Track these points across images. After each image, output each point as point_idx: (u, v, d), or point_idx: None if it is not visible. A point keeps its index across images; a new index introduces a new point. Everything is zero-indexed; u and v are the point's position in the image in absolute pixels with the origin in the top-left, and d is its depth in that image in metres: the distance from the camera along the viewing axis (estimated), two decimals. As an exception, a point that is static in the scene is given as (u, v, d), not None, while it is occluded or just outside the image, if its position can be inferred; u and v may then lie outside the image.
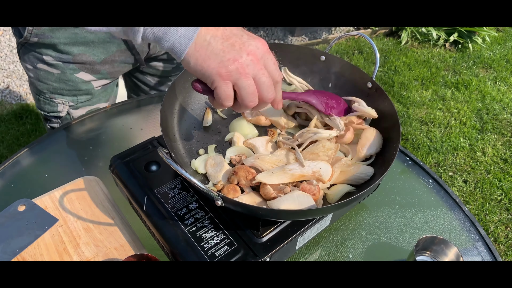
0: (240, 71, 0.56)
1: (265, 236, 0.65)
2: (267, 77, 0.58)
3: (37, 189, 0.80)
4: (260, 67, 0.57)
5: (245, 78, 0.56)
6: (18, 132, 2.15)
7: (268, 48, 0.59)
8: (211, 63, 0.55)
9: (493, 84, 2.79)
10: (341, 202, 0.60)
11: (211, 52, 0.55)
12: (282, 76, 0.62)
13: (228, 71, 0.55)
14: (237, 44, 0.56)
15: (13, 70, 2.55)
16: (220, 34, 0.55)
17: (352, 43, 3.01)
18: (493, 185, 2.13)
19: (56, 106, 1.03)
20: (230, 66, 0.55)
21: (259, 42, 0.58)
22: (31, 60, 0.97)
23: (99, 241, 0.71)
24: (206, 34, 0.55)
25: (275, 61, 0.60)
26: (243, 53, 0.55)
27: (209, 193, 0.58)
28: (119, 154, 0.75)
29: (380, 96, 0.79)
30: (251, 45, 0.56)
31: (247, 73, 0.56)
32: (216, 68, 0.55)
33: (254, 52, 0.56)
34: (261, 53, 0.57)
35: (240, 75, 0.56)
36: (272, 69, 0.59)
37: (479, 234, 0.83)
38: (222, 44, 0.55)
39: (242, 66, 0.55)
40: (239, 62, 0.55)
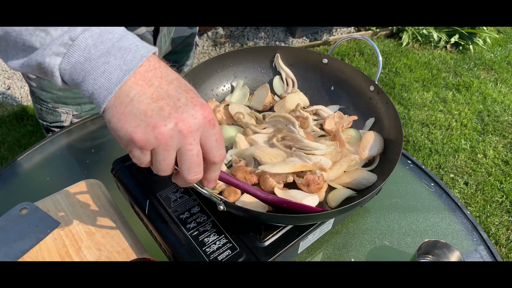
0: (161, 141, 0.45)
1: (267, 240, 0.65)
2: (194, 154, 0.48)
3: (39, 192, 0.80)
4: (189, 142, 0.46)
5: (164, 150, 0.46)
6: (19, 134, 2.15)
7: (212, 119, 0.48)
8: (125, 124, 0.45)
9: (494, 86, 2.79)
10: (344, 207, 0.60)
11: (129, 111, 0.45)
12: (223, 157, 0.51)
13: (144, 138, 0.45)
14: (167, 108, 0.45)
15: (14, 71, 2.56)
16: (151, 92, 0.45)
17: (353, 45, 3.01)
18: (494, 187, 2.13)
19: (59, 115, 1.02)
20: (148, 134, 0.45)
21: (200, 111, 0.46)
22: None
23: (101, 245, 0.71)
24: (131, 90, 0.45)
25: (219, 137, 0.49)
26: (171, 121, 0.45)
27: (211, 198, 0.58)
28: (121, 157, 0.76)
29: (382, 100, 0.79)
30: (187, 113, 0.45)
31: (168, 145, 0.46)
32: (130, 132, 0.45)
33: (188, 121, 0.45)
34: (197, 124, 0.46)
35: (159, 145, 0.46)
36: (211, 146, 0.49)
37: (481, 238, 0.83)
38: (147, 105, 0.45)
39: (164, 137, 0.45)
40: (160, 131, 0.45)
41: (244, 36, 3.05)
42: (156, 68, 0.47)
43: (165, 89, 0.46)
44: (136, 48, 0.46)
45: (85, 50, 0.44)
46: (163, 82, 0.46)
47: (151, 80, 0.46)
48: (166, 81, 0.47)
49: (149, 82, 0.46)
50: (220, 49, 2.95)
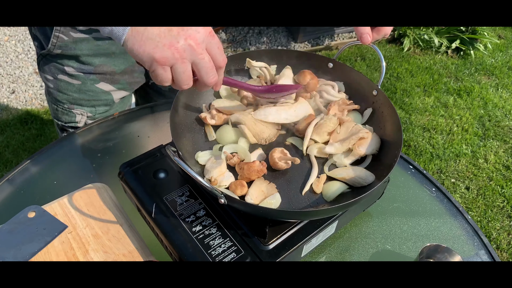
0: (176, 56, 0.55)
1: (271, 243, 0.66)
2: (207, 61, 0.58)
3: (46, 195, 0.81)
4: (199, 52, 0.56)
5: (182, 63, 0.56)
6: (24, 137, 2.17)
7: (211, 31, 0.58)
8: (146, 48, 0.54)
9: (495, 91, 2.80)
10: (353, 200, 0.62)
11: (146, 37, 0.54)
12: (226, 61, 0.61)
13: (164, 56, 0.54)
14: (175, 29, 0.55)
15: (19, 75, 2.58)
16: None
17: (355, 50, 3.03)
18: (495, 192, 2.13)
19: (74, 116, 1.04)
20: (165, 52, 0.54)
21: (201, 27, 0.56)
22: (52, 71, 0.99)
23: (107, 248, 0.72)
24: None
25: (220, 45, 0.59)
26: (181, 38, 0.55)
27: (213, 190, 0.59)
28: (128, 161, 0.77)
29: (385, 104, 0.81)
30: (190, 29, 0.55)
31: (184, 58, 0.56)
32: (151, 53, 0.54)
33: (194, 36, 0.55)
34: (202, 37, 0.56)
35: (176, 60, 0.55)
36: (215, 53, 0.59)
37: (482, 243, 0.84)
38: (158, 29, 0.54)
39: (179, 51, 0.55)
40: (175, 47, 0.54)
41: (246, 41, 3.07)
42: None
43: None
44: None
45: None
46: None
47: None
48: None
49: None
50: (223, 53, 2.96)
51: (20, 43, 2.76)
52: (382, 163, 0.76)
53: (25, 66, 2.63)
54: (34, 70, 2.62)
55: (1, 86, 2.49)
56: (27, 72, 2.60)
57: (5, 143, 2.13)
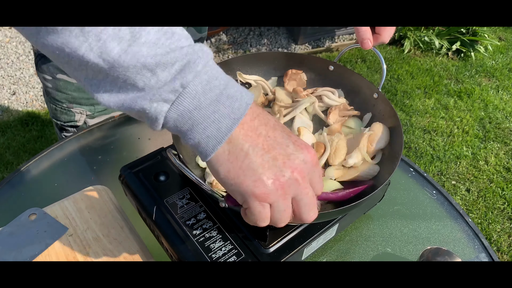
0: (280, 192, 0.46)
1: (272, 246, 0.66)
2: (311, 196, 0.48)
3: (47, 198, 0.81)
4: (304, 187, 0.47)
5: (284, 199, 0.46)
6: (24, 138, 2.17)
7: (316, 159, 0.49)
8: (246, 179, 0.45)
9: (495, 93, 2.80)
10: (353, 204, 0.62)
11: (247, 166, 0.45)
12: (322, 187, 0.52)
13: (266, 192, 0.45)
14: (280, 157, 0.45)
15: (20, 77, 2.58)
16: (262, 143, 0.45)
17: (355, 52, 3.03)
18: (496, 194, 2.13)
19: (73, 115, 1.05)
20: (269, 187, 0.45)
21: (308, 154, 0.47)
22: (50, 70, 0.99)
23: (108, 251, 0.72)
24: (244, 143, 0.45)
25: (321, 173, 0.51)
26: (287, 171, 0.45)
27: (213, 194, 0.59)
28: (129, 164, 0.77)
29: (385, 107, 0.81)
30: (298, 159, 0.46)
31: (287, 194, 0.46)
32: (251, 187, 0.45)
33: (301, 168, 0.46)
34: (308, 169, 0.47)
35: (279, 198, 0.46)
36: (317, 182, 0.49)
37: (482, 245, 0.84)
38: (262, 157, 0.45)
39: (283, 187, 0.46)
40: (280, 182, 0.45)
41: (247, 43, 3.08)
42: (258, 115, 0.46)
43: (272, 136, 0.46)
44: (241, 95, 0.45)
45: (195, 98, 0.42)
46: (269, 130, 0.46)
47: (258, 129, 0.46)
48: (271, 128, 0.47)
49: (257, 132, 0.46)
50: (223, 55, 2.97)
51: (21, 45, 2.76)
52: (383, 166, 0.76)
53: (26, 68, 2.64)
54: (35, 72, 2.63)
55: (2, 88, 2.50)
56: (28, 74, 2.61)
57: (6, 144, 2.13)
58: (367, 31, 0.75)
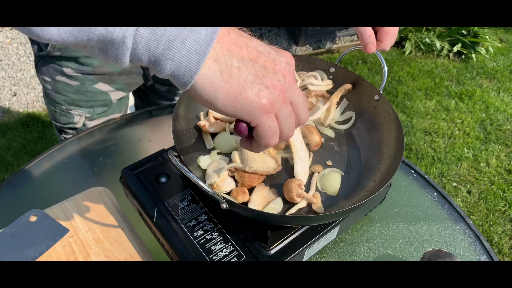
0: (282, 98, 0.44)
1: (273, 248, 0.66)
2: (302, 95, 0.48)
3: (48, 199, 0.81)
4: (296, 87, 0.47)
5: (285, 104, 0.46)
6: (25, 139, 2.17)
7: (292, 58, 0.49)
8: (248, 94, 0.42)
9: (496, 95, 2.80)
10: (354, 206, 0.62)
11: (245, 80, 0.42)
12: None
13: (271, 100, 0.43)
14: (268, 64, 0.44)
15: (20, 78, 2.58)
16: (247, 55, 0.43)
17: (356, 53, 3.03)
18: (497, 196, 2.13)
19: (72, 117, 1.05)
20: (272, 95, 0.43)
21: (288, 57, 0.47)
22: (49, 72, 0.99)
23: (109, 252, 0.72)
24: (231, 57, 0.41)
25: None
26: (279, 75, 0.44)
27: (214, 196, 0.59)
28: (130, 165, 0.77)
29: (387, 109, 0.81)
30: (283, 63, 0.45)
31: (286, 98, 0.45)
32: (257, 100, 0.43)
33: (288, 70, 0.46)
34: (292, 68, 0.47)
35: (282, 104, 0.45)
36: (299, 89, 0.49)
37: (483, 248, 0.84)
38: (254, 68, 0.43)
39: (282, 92, 0.44)
40: (278, 87, 0.44)
41: (248, 44, 3.08)
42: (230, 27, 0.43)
43: (253, 46, 0.44)
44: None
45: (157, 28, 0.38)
46: (246, 40, 0.44)
47: (237, 41, 0.43)
48: (247, 38, 0.44)
49: (238, 44, 0.42)
50: (224, 56, 2.98)
51: (22, 46, 2.77)
52: (384, 168, 0.76)
53: (26, 69, 2.64)
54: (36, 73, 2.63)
55: (3, 89, 2.50)
56: (28, 75, 2.61)
57: (6, 145, 2.13)
58: (371, 36, 0.75)
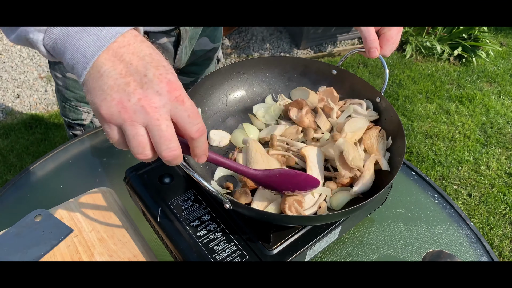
0: (124, 116, 0.46)
1: (275, 248, 0.67)
2: (163, 129, 0.47)
3: (52, 199, 0.82)
4: (154, 118, 0.46)
5: (131, 125, 0.46)
6: (28, 141, 2.18)
7: (180, 95, 0.48)
8: (95, 98, 0.47)
9: (497, 98, 2.81)
10: (356, 206, 0.62)
11: (99, 86, 0.46)
12: (202, 132, 0.51)
13: (109, 112, 0.46)
14: (133, 84, 0.46)
15: (24, 80, 2.60)
16: (120, 68, 0.47)
17: (357, 56, 3.04)
18: (497, 199, 2.14)
19: (80, 114, 1.06)
20: (112, 108, 0.46)
21: (166, 87, 0.47)
22: (61, 69, 1.01)
23: (113, 252, 0.73)
24: (102, 65, 0.47)
25: (192, 113, 0.49)
26: (134, 97, 0.46)
27: (218, 196, 0.60)
28: (134, 166, 0.78)
29: (388, 111, 0.82)
30: (150, 89, 0.46)
31: (133, 120, 0.46)
32: (97, 106, 0.46)
33: (151, 98, 0.46)
34: (162, 101, 0.47)
35: (124, 121, 0.46)
36: (184, 122, 0.49)
37: (484, 249, 0.85)
38: (115, 81, 0.46)
39: (127, 111, 0.46)
40: (124, 105, 0.46)
41: (249, 47, 3.09)
42: (129, 44, 0.48)
43: (135, 65, 0.47)
44: (113, 27, 0.48)
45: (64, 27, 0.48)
46: (134, 58, 0.47)
47: (123, 56, 0.47)
48: (138, 57, 0.47)
49: (120, 58, 0.47)
50: (226, 59, 2.99)
51: (25, 48, 2.78)
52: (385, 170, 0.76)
53: (30, 71, 2.65)
54: (39, 75, 2.64)
55: (6, 91, 2.52)
56: (32, 77, 2.62)
57: (9, 147, 2.14)
58: (375, 40, 0.76)
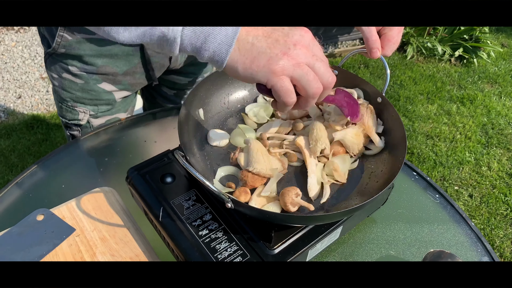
0: (293, 62, 0.54)
1: (277, 248, 0.67)
2: (321, 61, 0.56)
3: (54, 199, 0.82)
4: (311, 54, 0.55)
5: (300, 67, 0.54)
6: (29, 141, 2.19)
7: (312, 34, 0.57)
8: (260, 62, 0.53)
9: (498, 99, 2.81)
10: (357, 206, 0.63)
11: (257, 52, 0.53)
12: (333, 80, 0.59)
13: (281, 65, 0.53)
14: (280, 38, 0.54)
15: (25, 80, 2.60)
16: (261, 32, 0.54)
17: (358, 57, 3.05)
18: (498, 200, 2.13)
19: (77, 114, 1.07)
20: (281, 61, 0.53)
21: (302, 31, 0.56)
22: (57, 69, 1.01)
23: (114, 251, 0.73)
24: (247, 36, 0.54)
25: (321, 47, 0.59)
26: (290, 45, 0.54)
27: (219, 195, 0.60)
28: (136, 166, 0.78)
29: (389, 112, 0.82)
30: (295, 35, 0.55)
31: (300, 62, 0.54)
32: (267, 66, 0.53)
33: (300, 41, 0.55)
34: (307, 41, 0.56)
35: (294, 67, 0.54)
36: (320, 55, 0.58)
37: (485, 249, 0.85)
38: (266, 42, 0.54)
39: (293, 57, 0.54)
40: (289, 54, 0.54)
41: (250, 48, 3.10)
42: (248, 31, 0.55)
43: (269, 28, 0.55)
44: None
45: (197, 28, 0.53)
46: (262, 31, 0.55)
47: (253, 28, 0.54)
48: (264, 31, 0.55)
49: (254, 28, 0.54)
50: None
51: (27, 49, 2.79)
52: (386, 170, 0.77)
53: (31, 72, 2.66)
54: (41, 76, 2.65)
55: (8, 91, 2.52)
56: (33, 78, 2.63)
57: (11, 147, 2.15)
58: (377, 41, 0.76)
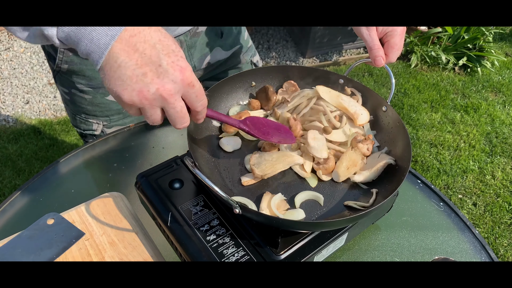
0: (145, 103, 0.54)
1: (283, 253, 0.68)
2: (178, 111, 0.56)
3: (64, 203, 0.84)
4: (170, 102, 0.55)
5: (150, 109, 0.55)
6: (37, 146, 2.21)
7: (191, 81, 0.55)
8: (115, 87, 0.53)
9: (502, 108, 2.81)
10: (362, 213, 0.64)
11: (118, 76, 0.52)
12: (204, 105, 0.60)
13: (131, 100, 0.53)
14: (149, 74, 0.52)
15: (33, 86, 2.64)
16: (135, 59, 0.52)
17: (362, 65, 3.06)
18: (502, 208, 2.13)
19: (91, 125, 1.08)
20: (134, 97, 0.53)
21: (179, 76, 0.54)
22: (65, 85, 1.04)
23: (123, 255, 0.74)
24: (119, 56, 0.52)
25: (199, 93, 0.58)
26: (153, 87, 0.53)
27: (228, 200, 0.62)
28: (144, 172, 0.79)
29: (394, 120, 0.83)
30: (166, 78, 0.53)
31: (152, 105, 0.55)
32: (119, 93, 0.53)
33: (168, 87, 0.53)
34: (177, 88, 0.54)
35: (145, 106, 0.54)
36: (192, 101, 0.57)
37: (489, 257, 0.85)
38: (132, 71, 0.52)
39: (148, 99, 0.53)
40: (144, 95, 0.53)
41: (255, 56, 3.12)
42: (140, 32, 0.52)
43: (148, 54, 0.52)
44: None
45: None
46: (147, 47, 0.52)
47: (136, 45, 0.52)
48: (150, 45, 0.52)
49: (134, 48, 0.52)
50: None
51: (35, 55, 2.82)
52: (391, 177, 0.78)
53: (39, 77, 2.69)
54: (48, 81, 2.68)
55: (16, 97, 2.55)
56: (41, 83, 2.66)
57: (18, 152, 2.17)
58: (380, 49, 0.77)
